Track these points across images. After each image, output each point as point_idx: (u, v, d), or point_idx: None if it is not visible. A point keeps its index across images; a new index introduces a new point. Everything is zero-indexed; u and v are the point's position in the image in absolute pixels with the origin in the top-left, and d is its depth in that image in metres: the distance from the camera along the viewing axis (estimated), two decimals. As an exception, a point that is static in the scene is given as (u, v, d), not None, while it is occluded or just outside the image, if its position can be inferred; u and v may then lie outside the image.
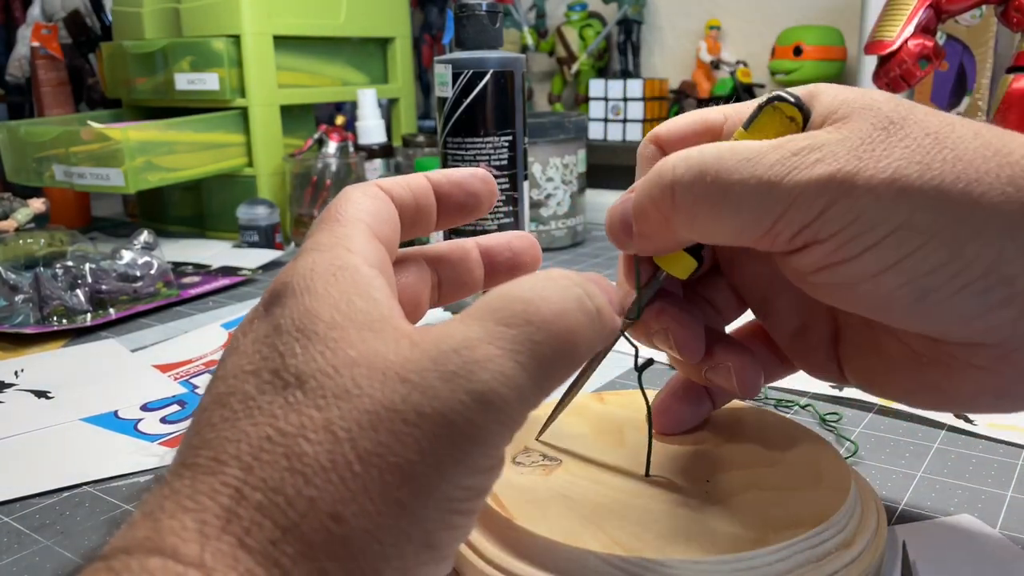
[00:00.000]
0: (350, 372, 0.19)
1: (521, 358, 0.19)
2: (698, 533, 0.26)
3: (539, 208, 0.84)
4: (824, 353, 0.31)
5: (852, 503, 0.28)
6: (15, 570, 0.31)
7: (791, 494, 0.28)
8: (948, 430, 0.40)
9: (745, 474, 0.30)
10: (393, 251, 0.25)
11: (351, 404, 0.19)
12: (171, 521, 0.18)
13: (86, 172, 0.81)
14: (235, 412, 0.19)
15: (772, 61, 1.01)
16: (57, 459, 0.40)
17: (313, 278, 0.21)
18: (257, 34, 0.87)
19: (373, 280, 0.22)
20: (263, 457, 0.18)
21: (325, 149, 0.89)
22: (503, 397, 0.19)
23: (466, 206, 0.28)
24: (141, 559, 0.17)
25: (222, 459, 0.19)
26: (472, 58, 0.55)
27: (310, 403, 0.19)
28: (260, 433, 0.19)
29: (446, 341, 0.19)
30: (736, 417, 0.35)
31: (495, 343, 0.19)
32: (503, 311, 0.20)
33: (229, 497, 0.18)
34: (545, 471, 0.30)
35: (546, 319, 0.20)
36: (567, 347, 0.20)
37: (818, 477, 0.29)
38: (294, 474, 0.18)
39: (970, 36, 0.89)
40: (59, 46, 1.08)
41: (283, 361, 0.20)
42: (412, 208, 0.26)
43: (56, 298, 0.61)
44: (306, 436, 0.18)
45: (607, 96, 1.07)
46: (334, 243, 0.23)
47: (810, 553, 0.25)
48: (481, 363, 0.19)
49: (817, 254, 0.24)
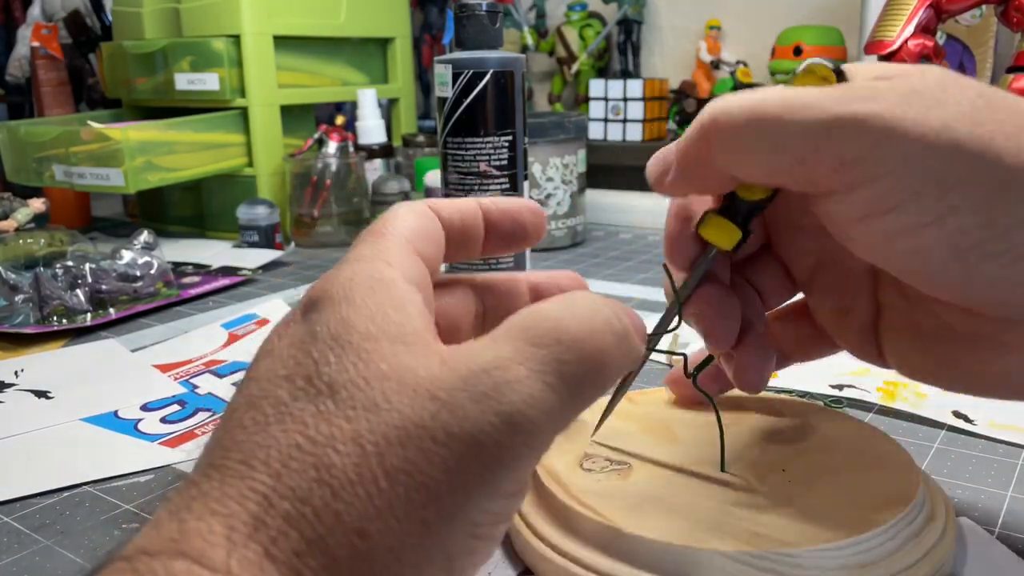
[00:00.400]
0: (380, 385, 0.19)
1: (550, 379, 0.19)
2: (805, 521, 0.26)
3: (539, 208, 0.84)
4: (865, 333, 0.31)
5: (923, 478, 0.29)
6: (15, 570, 0.31)
7: (865, 476, 0.29)
8: (948, 430, 0.40)
9: (811, 462, 0.30)
10: (435, 270, 0.25)
11: (380, 418, 0.19)
12: (198, 523, 0.18)
13: (86, 172, 0.81)
14: (266, 416, 0.19)
15: (772, 61, 1.01)
16: (57, 459, 0.40)
17: (352, 288, 0.21)
18: (257, 34, 0.87)
19: (409, 295, 0.22)
20: (292, 465, 0.18)
21: (325, 149, 0.89)
22: (532, 419, 0.19)
23: (513, 236, 0.27)
24: (166, 562, 0.17)
25: (251, 464, 0.19)
26: (472, 58, 0.55)
27: (340, 413, 0.19)
28: (290, 440, 0.19)
29: (476, 360, 0.19)
30: (774, 408, 0.35)
31: (525, 364, 0.19)
32: (532, 330, 0.20)
33: (257, 504, 0.18)
34: (620, 475, 0.30)
35: (576, 338, 0.20)
36: (596, 368, 0.20)
37: (879, 458, 0.30)
38: (322, 485, 0.18)
39: (970, 36, 0.89)
40: (59, 46, 1.08)
41: (316, 368, 0.20)
42: (459, 230, 0.26)
43: (56, 298, 0.61)
44: (335, 447, 0.18)
45: (607, 96, 1.07)
46: (375, 255, 0.23)
47: (909, 530, 0.26)
48: (510, 384, 0.19)
49: (859, 199, 0.24)
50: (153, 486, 0.37)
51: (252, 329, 0.58)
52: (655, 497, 0.28)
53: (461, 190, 0.58)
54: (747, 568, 0.25)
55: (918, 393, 0.43)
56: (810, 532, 0.26)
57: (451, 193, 0.59)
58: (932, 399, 0.42)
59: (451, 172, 0.58)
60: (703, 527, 0.26)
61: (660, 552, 0.25)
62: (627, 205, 0.96)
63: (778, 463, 0.30)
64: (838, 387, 0.44)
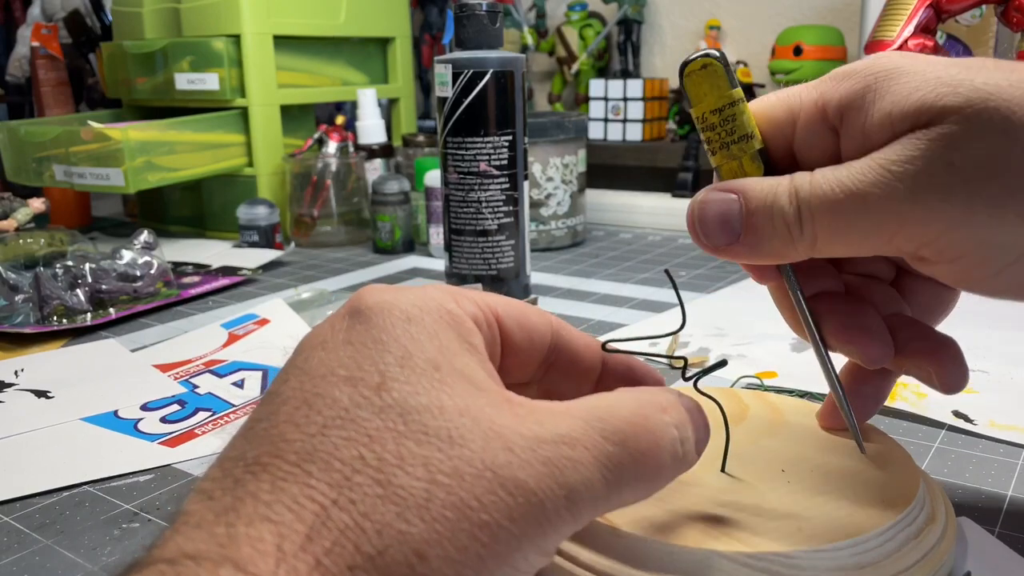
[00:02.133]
0: (456, 420, 0.20)
1: (608, 474, 0.21)
2: (803, 522, 0.26)
3: (539, 208, 0.84)
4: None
5: (923, 479, 0.29)
6: (15, 570, 0.31)
7: (865, 476, 0.29)
8: (948, 430, 0.40)
9: (812, 462, 0.30)
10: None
11: (454, 452, 0.19)
12: (248, 529, 0.17)
13: (86, 172, 0.81)
14: (324, 418, 0.19)
15: (772, 61, 1.01)
16: (57, 459, 0.40)
17: (423, 310, 0.22)
18: (257, 34, 0.87)
19: (477, 336, 0.23)
20: (355, 479, 0.18)
21: (325, 149, 0.89)
22: (584, 499, 0.20)
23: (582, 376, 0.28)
24: (211, 569, 0.17)
25: (308, 470, 0.18)
26: (472, 58, 0.55)
27: (410, 436, 0.19)
28: (352, 451, 0.19)
29: (547, 426, 0.20)
30: (776, 408, 0.35)
31: (591, 450, 0.20)
32: (605, 423, 0.21)
33: (314, 513, 0.18)
34: None
35: (639, 450, 0.21)
36: (647, 481, 0.22)
37: (879, 458, 0.30)
38: (387, 503, 0.18)
39: (970, 36, 0.89)
40: (59, 46, 1.08)
41: (383, 381, 0.20)
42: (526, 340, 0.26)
43: (56, 298, 0.61)
44: (404, 468, 0.19)
45: (607, 96, 1.07)
46: (443, 290, 0.23)
47: (909, 531, 0.26)
48: (574, 463, 0.20)
49: (945, 272, 0.26)
50: (153, 486, 0.37)
51: (252, 329, 0.58)
52: (655, 497, 0.28)
53: (461, 190, 0.58)
54: (745, 569, 0.25)
55: (918, 393, 0.43)
56: (809, 533, 0.26)
57: (451, 193, 0.59)
58: (932, 399, 0.42)
59: (451, 172, 0.58)
60: (702, 528, 0.26)
61: (659, 552, 0.25)
62: (627, 205, 0.96)
63: (777, 463, 0.30)
64: (838, 387, 0.44)
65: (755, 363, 0.49)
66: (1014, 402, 0.42)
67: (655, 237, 0.90)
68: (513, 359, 0.26)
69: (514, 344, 0.25)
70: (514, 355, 0.25)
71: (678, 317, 0.28)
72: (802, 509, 0.27)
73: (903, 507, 0.27)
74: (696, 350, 0.52)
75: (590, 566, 0.26)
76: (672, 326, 0.54)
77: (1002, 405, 0.42)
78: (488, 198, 0.58)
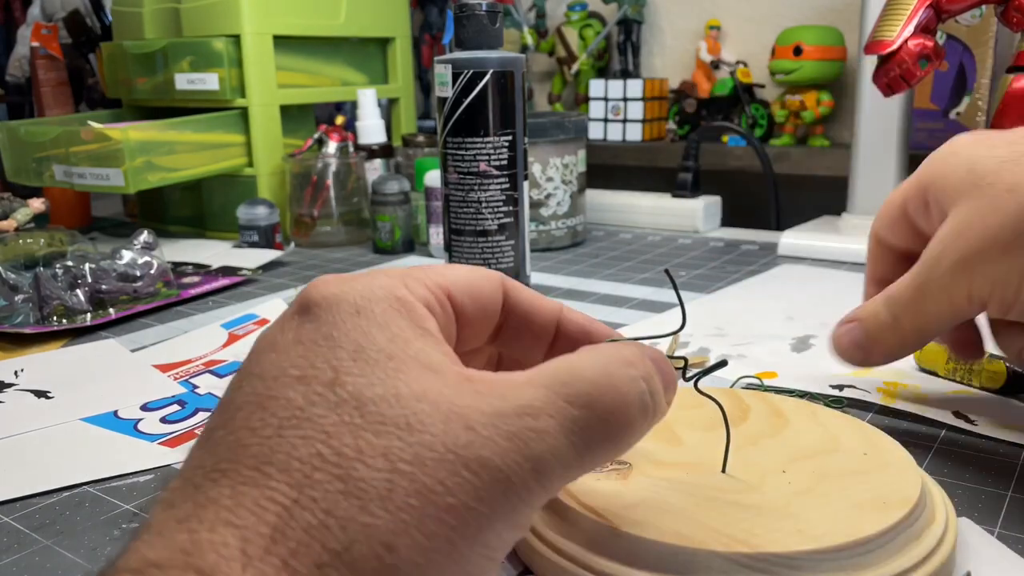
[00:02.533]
0: (413, 406, 0.19)
1: (575, 439, 0.20)
2: (803, 523, 0.26)
3: (539, 208, 0.84)
4: None
5: (923, 480, 0.29)
6: (15, 570, 0.31)
7: (866, 477, 0.29)
8: (948, 430, 0.40)
9: (813, 463, 0.30)
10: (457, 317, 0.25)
11: (413, 438, 0.19)
12: (211, 535, 0.17)
13: (86, 172, 0.81)
14: (279, 419, 0.19)
15: (772, 61, 1.01)
16: (57, 459, 0.40)
17: (372, 300, 0.22)
18: (257, 34, 0.87)
19: (428, 321, 0.22)
20: (315, 476, 0.18)
21: (325, 149, 0.89)
22: (553, 469, 0.20)
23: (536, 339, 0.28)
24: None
25: (267, 472, 0.18)
26: (472, 58, 0.55)
27: (368, 428, 0.19)
28: (310, 449, 0.19)
29: (509, 400, 0.20)
30: (777, 408, 0.35)
31: (555, 417, 0.20)
32: (569, 388, 0.21)
33: (276, 515, 0.18)
34: (621, 475, 0.30)
35: (607, 410, 0.21)
36: (617, 440, 0.22)
37: (879, 458, 0.30)
38: (349, 497, 0.18)
39: (970, 36, 0.89)
40: (59, 46, 1.08)
41: (336, 376, 0.20)
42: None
43: (56, 298, 0.61)
44: (364, 461, 0.18)
45: (607, 96, 1.07)
46: (392, 275, 0.23)
47: (909, 532, 0.26)
48: (539, 434, 0.20)
49: None
50: (153, 486, 0.37)
51: (252, 329, 0.58)
52: (655, 498, 0.28)
53: (461, 190, 0.58)
54: (744, 570, 0.25)
55: (918, 393, 0.43)
56: (809, 534, 0.26)
57: (451, 193, 0.59)
58: (932, 399, 0.42)
59: (451, 172, 0.58)
60: (701, 528, 0.26)
61: (658, 553, 0.26)
62: (627, 205, 0.96)
63: (778, 464, 0.30)
64: (838, 387, 0.44)
65: (755, 363, 0.49)
66: (1013, 402, 0.42)
67: (655, 237, 0.90)
68: (467, 330, 0.26)
69: (467, 317, 0.25)
70: (467, 327, 0.26)
71: (678, 317, 0.28)
72: (802, 510, 0.27)
73: (903, 508, 0.27)
74: (696, 350, 0.52)
75: (590, 566, 0.26)
76: (672, 326, 0.54)
77: (1001, 406, 0.42)
78: (488, 198, 0.58)
